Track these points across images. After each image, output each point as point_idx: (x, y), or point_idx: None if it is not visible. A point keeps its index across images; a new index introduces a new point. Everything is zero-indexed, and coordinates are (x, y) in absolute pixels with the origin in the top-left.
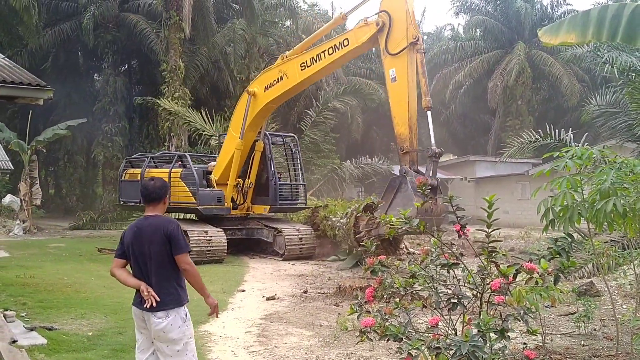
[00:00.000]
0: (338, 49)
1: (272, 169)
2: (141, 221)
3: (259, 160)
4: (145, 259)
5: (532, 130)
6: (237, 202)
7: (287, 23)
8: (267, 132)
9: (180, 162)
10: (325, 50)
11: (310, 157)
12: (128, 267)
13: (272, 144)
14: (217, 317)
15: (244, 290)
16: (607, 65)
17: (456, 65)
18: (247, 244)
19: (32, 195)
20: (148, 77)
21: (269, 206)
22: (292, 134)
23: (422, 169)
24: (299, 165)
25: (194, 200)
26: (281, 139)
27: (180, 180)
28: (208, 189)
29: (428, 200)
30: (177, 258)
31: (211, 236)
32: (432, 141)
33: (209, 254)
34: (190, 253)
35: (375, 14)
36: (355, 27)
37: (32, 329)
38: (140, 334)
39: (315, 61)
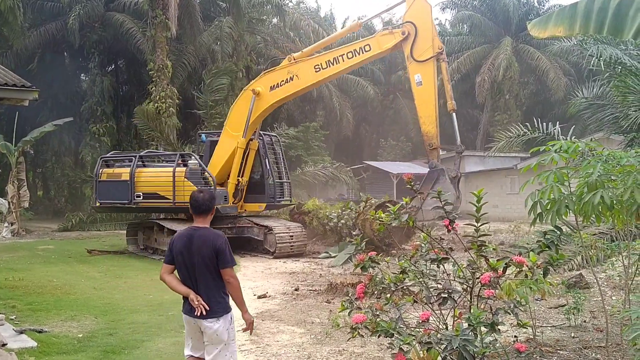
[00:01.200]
0: (358, 54)
1: (268, 167)
2: (191, 231)
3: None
4: (194, 268)
5: (520, 124)
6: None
7: (274, 20)
8: (261, 132)
9: (182, 162)
10: (343, 54)
11: (299, 154)
12: (175, 272)
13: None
14: (251, 334)
15: None
16: (593, 58)
17: None
18: (237, 243)
19: (20, 197)
20: (135, 76)
21: (264, 204)
22: (275, 134)
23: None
24: (282, 163)
25: None
26: (269, 138)
27: (186, 179)
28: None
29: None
30: (223, 271)
31: None
32: (457, 139)
33: None
34: None
35: (400, 24)
36: (377, 35)
37: (21, 332)
38: (190, 338)
39: (332, 64)
